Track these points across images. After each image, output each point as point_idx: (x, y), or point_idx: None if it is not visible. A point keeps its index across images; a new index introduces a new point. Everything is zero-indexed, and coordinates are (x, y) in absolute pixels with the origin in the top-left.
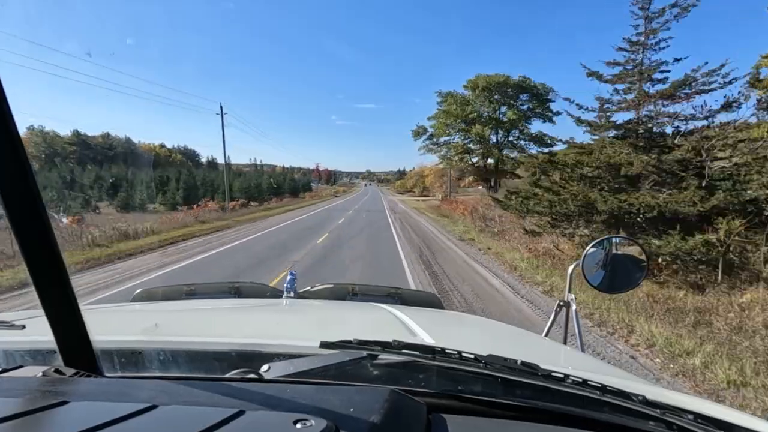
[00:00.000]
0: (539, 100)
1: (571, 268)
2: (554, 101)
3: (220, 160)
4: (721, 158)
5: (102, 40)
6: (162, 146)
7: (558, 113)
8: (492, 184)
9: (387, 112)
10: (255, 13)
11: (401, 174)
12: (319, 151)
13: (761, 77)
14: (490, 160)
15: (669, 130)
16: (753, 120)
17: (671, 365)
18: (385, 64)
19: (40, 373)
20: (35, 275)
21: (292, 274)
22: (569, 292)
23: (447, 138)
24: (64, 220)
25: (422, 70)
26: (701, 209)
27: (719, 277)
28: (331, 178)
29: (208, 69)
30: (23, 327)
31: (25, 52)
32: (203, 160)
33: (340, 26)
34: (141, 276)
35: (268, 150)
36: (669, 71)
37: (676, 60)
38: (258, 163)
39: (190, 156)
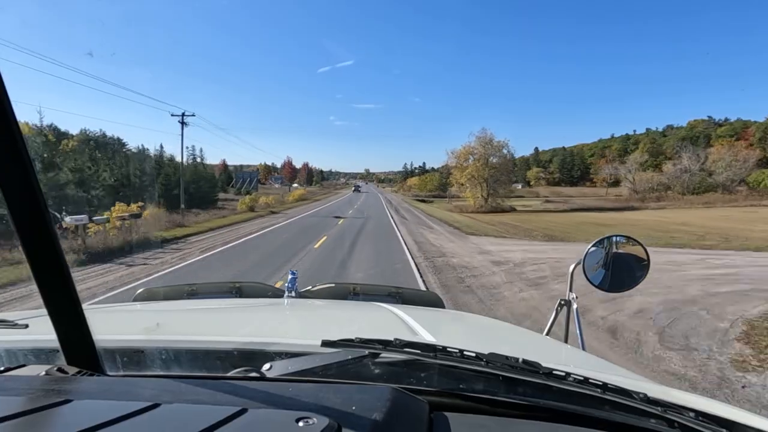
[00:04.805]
0: None
1: (572, 267)
2: None
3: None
4: None
5: (102, 39)
6: (52, 127)
7: None
8: None
9: (386, 111)
10: (254, 13)
11: (408, 173)
12: (318, 153)
13: None
14: None
15: None
16: None
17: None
18: (384, 63)
19: (43, 372)
20: (38, 275)
21: (293, 273)
22: (570, 291)
23: None
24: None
25: (422, 69)
26: None
27: None
28: (315, 176)
29: (198, 67)
30: (26, 326)
31: None
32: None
33: (340, 25)
34: None
35: (260, 153)
36: None
37: None
38: (199, 159)
39: (106, 144)
